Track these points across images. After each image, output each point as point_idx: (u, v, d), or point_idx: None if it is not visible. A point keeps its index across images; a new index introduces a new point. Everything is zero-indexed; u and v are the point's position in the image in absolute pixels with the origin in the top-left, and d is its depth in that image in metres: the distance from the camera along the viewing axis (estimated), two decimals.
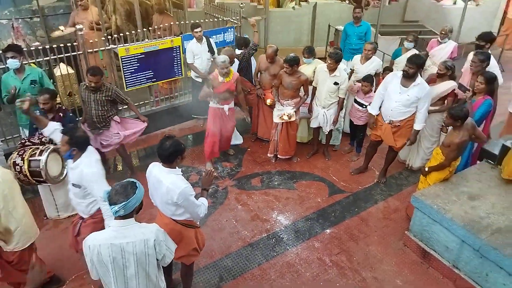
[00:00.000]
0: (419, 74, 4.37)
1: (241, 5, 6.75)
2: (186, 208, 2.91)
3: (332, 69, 4.90)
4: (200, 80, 5.90)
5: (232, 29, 6.70)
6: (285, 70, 4.86)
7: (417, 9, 9.66)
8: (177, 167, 2.94)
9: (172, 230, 2.95)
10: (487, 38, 5.22)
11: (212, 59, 5.87)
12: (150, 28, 6.05)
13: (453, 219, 3.64)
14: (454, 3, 9.68)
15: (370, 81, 5.06)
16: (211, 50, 5.89)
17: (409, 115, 4.47)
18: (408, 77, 4.30)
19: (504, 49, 8.99)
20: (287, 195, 4.91)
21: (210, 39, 5.98)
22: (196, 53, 5.78)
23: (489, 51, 5.02)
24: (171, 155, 2.81)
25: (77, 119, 4.92)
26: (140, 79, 5.86)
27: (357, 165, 5.42)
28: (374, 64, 5.37)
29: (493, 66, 4.79)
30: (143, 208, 2.44)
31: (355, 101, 5.28)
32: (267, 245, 4.17)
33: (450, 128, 4.04)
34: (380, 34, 8.32)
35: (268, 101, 5.41)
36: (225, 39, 6.69)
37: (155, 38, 5.89)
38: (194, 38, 5.75)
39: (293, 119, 5.07)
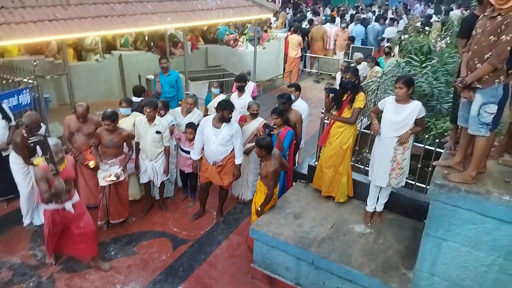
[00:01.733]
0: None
1: (35, 62, 6.04)
2: None
3: (151, 118, 4.89)
4: None
5: (27, 89, 5.90)
6: (106, 128, 4.58)
7: (216, 55, 10.66)
8: None
9: None
10: (245, 79, 6.08)
11: (8, 127, 4.99)
12: None
13: (286, 240, 4.04)
14: (246, 48, 11.13)
15: (194, 128, 5.21)
16: (5, 117, 4.99)
17: (228, 153, 4.83)
18: (226, 120, 4.67)
19: (290, 82, 10.79)
20: (128, 263, 4.49)
21: (2, 104, 5.09)
22: None
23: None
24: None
25: None
26: None
27: (195, 211, 5.45)
28: (196, 116, 5.56)
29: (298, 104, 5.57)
30: None
31: (181, 149, 5.36)
32: None
33: None
34: (190, 80, 8.81)
35: (91, 164, 4.92)
36: (20, 102, 5.82)
37: None
38: None
39: (121, 178, 4.75)
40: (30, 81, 5.98)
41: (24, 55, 8.22)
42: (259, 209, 4.41)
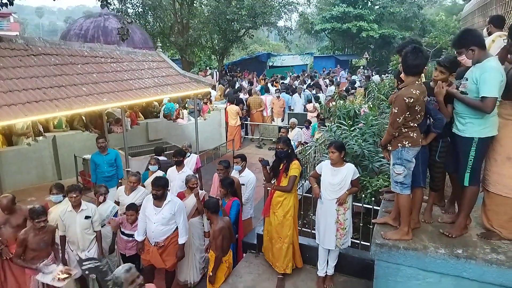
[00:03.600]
0: (168, 193, 4.70)
1: None
2: None
3: (77, 204, 4.61)
4: None
5: None
6: (41, 225, 4.14)
7: (157, 129, 10.70)
8: None
9: None
10: (182, 154, 6.08)
11: None
12: None
13: None
14: (188, 120, 11.33)
15: (135, 210, 5.01)
16: None
17: (171, 232, 4.64)
18: (159, 198, 4.55)
19: (234, 150, 11.01)
20: None
21: None
22: None
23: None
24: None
25: None
26: None
27: None
28: (140, 194, 5.37)
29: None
30: None
31: (123, 233, 5.07)
32: None
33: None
34: (130, 156, 8.64)
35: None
36: None
37: None
38: None
39: (73, 272, 4.33)
40: None
41: None
42: (211, 274, 4.24)
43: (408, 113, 2.97)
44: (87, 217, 4.63)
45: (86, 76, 7.13)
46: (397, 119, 2.99)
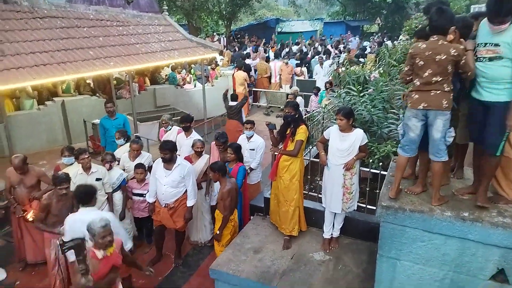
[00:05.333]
0: (177, 156, 4.78)
1: None
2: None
3: (88, 167, 4.73)
4: None
5: None
6: (63, 192, 4.14)
7: (165, 95, 10.67)
8: None
9: None
10: (189, 119, 6.03)
11: None
12: None
13: (248, 277, 3.99)
14: (195, 86, 11.26)
15: (144, 168, 5.12)
16: None
17: (181, 195, 4.75)
18: (167, 161, 4.63)
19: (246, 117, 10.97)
20: None
21: None
22: None
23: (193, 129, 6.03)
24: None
25: None
26: None
27: (152, 257, 5.23)
28: (145, 159, 5.44)
29: None
30: None
31: (134, 194, 5.19)
32: None
33: None
34: (139, 121, 8.68)
35: (29, 216, 4.60)
36: None
37: None
38: None
39: None
40: None
41: None
42: (217, 232, 4.38)
43: (412, 65, 3.04)
44: (98, 179, 4.73)
45: (92, 39, 7.06)
46: (405, 68, 3.11)
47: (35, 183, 4.78)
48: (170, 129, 6.31)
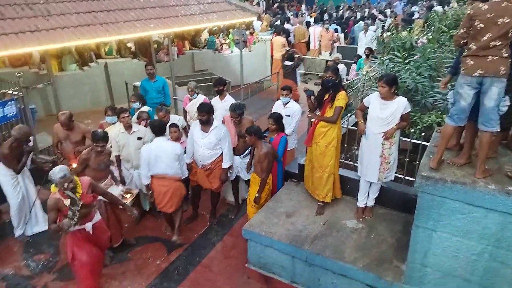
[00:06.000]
0: (213, 118, 4.81)
1: (19, 74, 5.98)
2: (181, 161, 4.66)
3: (128, 126, 4.88)
4: None
5: (12, 101, 5.83)
6: (99, 149, 4.34)
7: (203, 60, 10.68)
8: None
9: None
10: (221, 83, 5.95)
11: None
12: None
13: (280, 239, 4.06)
14: (232, 51, 11.16)
15: (177, 127, 5.19)
16: None
17: (217, 157, 4.84)
18: (204, 123, 4.70)
19: (278, 83, 10.84)
20: (122, 269, 4.48)
21: None
22: None
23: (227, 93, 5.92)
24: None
25: None
26: None
27: (188, 215, 5.44)
28: (177, 120, 5.50)
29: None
30: None
31: None
32: None
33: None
34: (177, 85, 8.80)
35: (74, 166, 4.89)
36: (5, 113, 5.76)
37: None
38: None
39: (136, 191, 4.71)
40: (15, 92, 5.92)
41: (8, 67, 8.14)
42: (257, 195, 4.49)
43: (470, 27, 2.82)
44: (139, 138, 4.90)
45: (133, 1, 7.09)
46: (459, 30, 2.89)
47: (80, 139, 5.03)
48: (195, 97, 6.13)
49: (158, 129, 4.66)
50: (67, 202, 3.46)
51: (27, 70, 8.01)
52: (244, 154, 5.18)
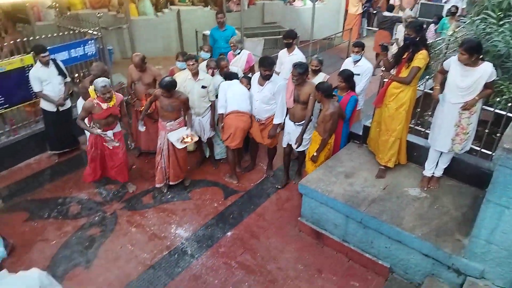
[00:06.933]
0: (274, 73, 4.74)
1: (99, 15, 6.28)
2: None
3: (195, 73, 4.90)
4: (54, 109, 5.26)
5: (92, 41, 6.19)
6: (162, 94, 4.53)
7: (273, 11, 10.40)
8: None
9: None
10: (292, 35, 5.62)
11: (64, 83, 5.30)
12: None
13: (336, 198, 4.02)
14: (304, 4, 10.70)
15: (248, 80, 5.19)
16: (61, 73, 5.26)
17: (273, 112, 4.79)
18: (264, 78, 4.64)
19: (350, 41, 10.31)
20: (183, 207, 4.78)
21: (58, 61, 5.35)
22: (44, 78, 5.09)
23: (296, 46, 5.65)
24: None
25: None
26: None
27: (246, 164, 5.57)
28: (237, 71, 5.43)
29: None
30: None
31: None
32: (170, 263, 3.99)
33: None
34: (245, 37, 8.72)
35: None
36: (85, 52, 6.15)
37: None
38: (39, 62, 5.05)
39: (195, 138, 4.89)
40: (94, 32, 6.25)
41: (88, 8, 8.58)
42: (315, 154, 4.43)
43: None
44: (203, 87, 4.97)
45: None
46: None
47: (151, 81, 5.25)
48: (238, 53, 5.78)
49: (231, 77, 4.94)
50: (104, 106, 4.33)
51: (106, 13, 8.39)
52: (301, 122, 4.66)
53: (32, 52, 5.22)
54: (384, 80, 4.45)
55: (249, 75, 5.29)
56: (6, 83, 5.07)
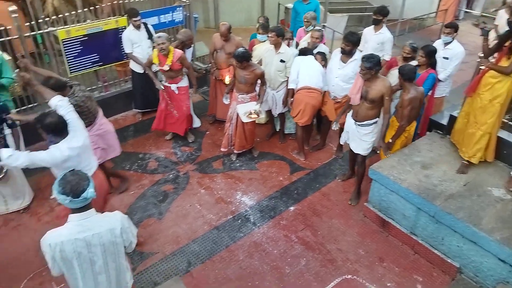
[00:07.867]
0: (357, 51, 4.52)
1: None
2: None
3: (276, 45, 4.85)
4: (141, 71, 5.57)
5: (180, 8, 6.43)
6: (236, 65, 4.59)
7: None
8: None
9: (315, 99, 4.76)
10: (383, 12, 5.32)
11: (152, 47, 5.58)
12: (91, 8, 5.62)
13: (409, 188, 3.83)
14: None
15: (323, 56, 5.06)
16: (151, 37, 5.52)
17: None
18: (346, 54, 4.44)
19: (444, 22, 9.46)
20: (249, 176, 4.91)
21: (149, 25, 5.64)
22: (135, 41, 5.42)
23: (384, 25, 5.41)
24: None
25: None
26: (84, 64, 5.50)
27: (315, 143, 5.52)
28: (321, 50, 5.21)
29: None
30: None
31: None
32: (233, 227, 4.16)
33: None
34: (329, 12, 8.43)
35: (226, 80, 5.30)
36: (174, 18, 6.42)
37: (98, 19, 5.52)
38: (132, 25, 5.38)
39: (262, 115, 4.94)
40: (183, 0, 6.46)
41: None
42: (390, 141, 4.24)
43: None
44: (282, 61, 4.93)
45: None
46: None
47: (233, 50, 5.29)
48: (311, 29, 5.39)
49: (305, 53, 4.84)
50: (166, 67, 4.75)
51: None
52: (363, 122, 4.18)
53: (126, 15, 5.58)
54: (481, 67, 4.05)
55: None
56: (101, 42, 5.51)
